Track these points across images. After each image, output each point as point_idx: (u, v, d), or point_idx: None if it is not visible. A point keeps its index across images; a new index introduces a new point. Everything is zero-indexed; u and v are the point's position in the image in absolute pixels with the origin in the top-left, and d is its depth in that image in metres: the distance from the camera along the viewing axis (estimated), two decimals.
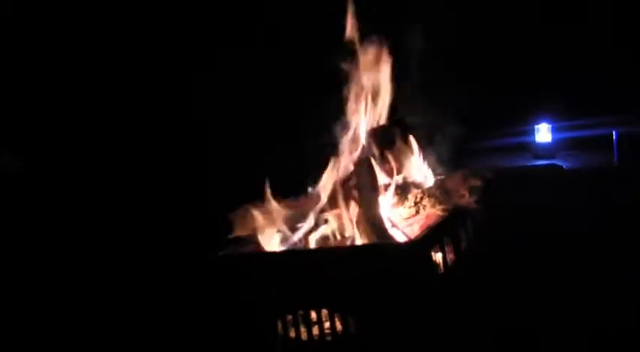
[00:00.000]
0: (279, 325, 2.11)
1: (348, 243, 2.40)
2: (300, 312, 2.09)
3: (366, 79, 2.76)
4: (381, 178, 2.62)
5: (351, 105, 2.77)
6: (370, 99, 2.81)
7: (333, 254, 2.23)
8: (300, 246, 2.46)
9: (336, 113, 2.75)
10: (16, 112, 3.94)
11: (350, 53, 2.73)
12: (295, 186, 2.65)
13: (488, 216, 2.74)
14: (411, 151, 2.88)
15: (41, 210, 3.79)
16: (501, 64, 5.84)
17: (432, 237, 2.17)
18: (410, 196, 2.58)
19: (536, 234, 2.95)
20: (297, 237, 2.50)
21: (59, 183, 3.97)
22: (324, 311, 2.09)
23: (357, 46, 2.74)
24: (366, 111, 2.81)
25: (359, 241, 2.35)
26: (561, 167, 4.88)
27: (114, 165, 4.20)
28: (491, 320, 2.15)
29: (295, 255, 2.32)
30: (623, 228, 2.96)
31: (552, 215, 3.26)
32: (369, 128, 2.78)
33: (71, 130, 4.16)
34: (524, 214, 3.09)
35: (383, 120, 2.83)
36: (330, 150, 2.65)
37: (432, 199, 2.52)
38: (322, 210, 2.52)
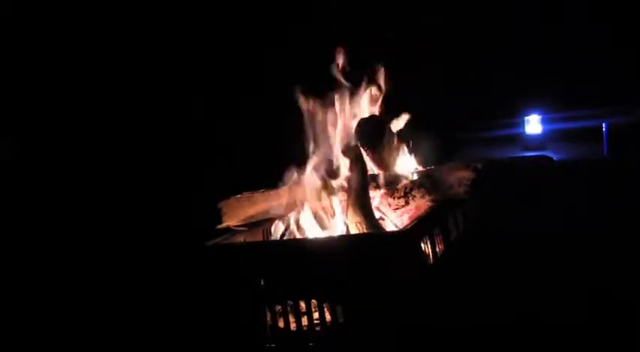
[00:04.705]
0: (268, 315, 2.11)
1: (338, 233, 2.40)
2: (290, 302, 2.08)
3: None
4: (370, 168, 2.61)
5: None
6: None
7: (323, 244, 2.22)
8: (289, 236, 2.46)
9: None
10: (15, 108, 3.92)
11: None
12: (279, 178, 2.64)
13: (478, 207, 2.74)
14: (401, 142, 2.87)
15: (35, 201, 3.78)
16: (491, 57, 5.84)
17: (421, 227, 2.17)
18: (399, 187, 2.58)
19: (525, 225, 2.96)
20: (286, 227, 2.49)
21: (49, 171, 3.95)
22: (314, 302, 2.08)
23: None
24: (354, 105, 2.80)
25: (349, 231, 2.34)
26: (552, 158, 4.90)
27: (104, 160, 4.19)
28: (478, 311, 2.16)
29: (284, 246, 2.31)
30: (613, 219, 2.98)
31: (542, 206, 3.27)
32: (356, 120, 2.77)
33: (63, 121, 4.14)
34: (513, 205, 3.10)
35: (371, 113, 2.82)
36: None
37: (422, 190, 2.52)
38: (310, 201, 2.51)
